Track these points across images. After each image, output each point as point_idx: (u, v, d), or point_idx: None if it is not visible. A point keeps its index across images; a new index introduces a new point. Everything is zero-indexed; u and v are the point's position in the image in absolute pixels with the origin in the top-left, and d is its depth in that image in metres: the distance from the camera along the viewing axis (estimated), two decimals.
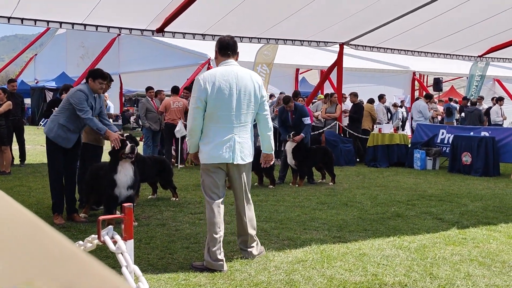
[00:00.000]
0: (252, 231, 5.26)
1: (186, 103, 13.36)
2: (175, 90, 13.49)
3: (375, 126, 15.48)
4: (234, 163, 5.00)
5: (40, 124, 27.58)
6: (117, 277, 0.47)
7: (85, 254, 0.50)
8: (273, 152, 5.42)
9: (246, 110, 4.99)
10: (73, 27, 11.73)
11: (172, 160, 13.24)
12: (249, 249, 5.23)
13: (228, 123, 4.93)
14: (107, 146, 7.83)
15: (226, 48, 5.09)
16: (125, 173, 6.50)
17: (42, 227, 0.53)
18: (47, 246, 0.51)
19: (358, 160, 14.82)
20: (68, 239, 0.55)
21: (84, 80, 7.06)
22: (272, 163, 5.51)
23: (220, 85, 4.88)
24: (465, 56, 17.52)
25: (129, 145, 6.41)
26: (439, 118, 19.15)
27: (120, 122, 28.27)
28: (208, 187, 5.13)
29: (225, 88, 4.88)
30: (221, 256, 4.85)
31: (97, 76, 6.85)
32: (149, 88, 13.61)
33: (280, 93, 15.61)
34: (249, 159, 5.11)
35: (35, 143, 18.42)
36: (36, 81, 35.70)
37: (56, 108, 9.69)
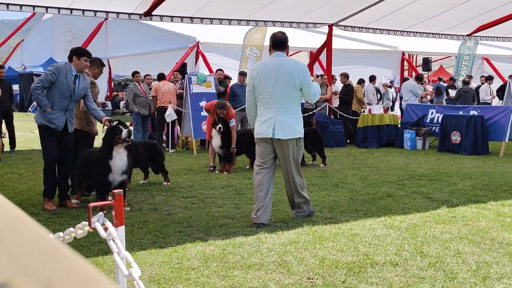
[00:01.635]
0: (297, 199, 6.07)
1: (175, 87, 13.30)
2: (161, 77, 13.44)
3: (364, 107, 15.51)
4: (275, 138, 5.83)
5: (29, 111, 27.38)
6: (100, 274, 0.47)
7: (68, 249, 0.49)
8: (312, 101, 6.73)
9: (286, 94, 5.83)
10: (59, 12, 11.60)
11: (163, 144, 13.22)
12: (293, 210, 6.17)
13: (270, 104, 5.87)
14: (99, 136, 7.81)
15: (277, 43, 6.02)
16: (120, 159, 6.52)
17: (23, 220, 0.53)
18: (28, 241, 0.50)
19: (348, 141, 14.87)
20: (50, 233, 0.54)
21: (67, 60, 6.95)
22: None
23: (263, 73, 5.87)
24: (454, 35, 17.52)
25: (125, 130, 6.42)
26: (429, 98, 19.20)
27: (110, 107, 28.12)
28: (257, 155, 6.07)
29: (267, 76, 5.84)
30: (260, 212, 5.79)
31: (82, 54, 6.75)
32: (135, 73, 13.52)
33: None
34: (291, 135, 5.86)
35: (24, 130, 18.31)
36: (23, 67, 35.34)
37: None
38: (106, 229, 2.30)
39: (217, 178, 9.09)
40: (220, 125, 9.56)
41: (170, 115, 12.58)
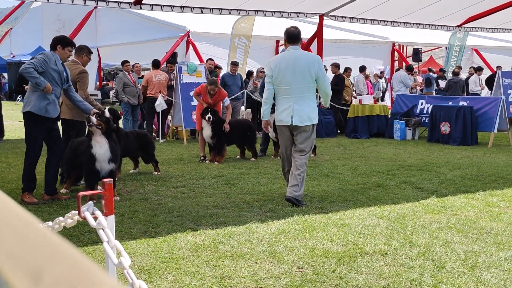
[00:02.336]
0: (296, 171, 6.40)
1: (167, 77, 13.23)
2: (155, 64, 13.34)
3: (353, 97, 15.52)
4: (293, 124, 6.38)
5: (18, 99, 27.16)
6: (89, 261, 0.47)
7: (57, 237, 0.49)
8: (327, 106, 7.36)
9: (302, 84, 6.37)
10: (48, 0, 11.49)
11: (153, 134, 13.18)
12: (289, 188, 6.43)
13: (288, 94, 6.41)
14: None
15: (292, 37, 6.50)
16: (100, 146, 6.45)
17: (12, 208, 0.52)
18: (17, 229, 0.50)
19: (339, 131, 14.90)
20: (39, 221, 0.54)
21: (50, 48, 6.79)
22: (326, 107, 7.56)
23: (281, 65, 6.39)
24: (444, 26, 17.57)
25: (92, 116, 6.40)
26: (419, 88, 19.26)
27: (100, 96, 27.96)
28: (280, 140, 6.79)
29: (285, 68, 6.36)
30: (288, 183, 6.46)
31: (67, 44, 6.64)
32: (125, 62, 13.42)
33: (258, 68, 15.49)
34: (307, 122, 6.41)
35: (13, 119, 18.17)
36: (12, 56, 35.00)
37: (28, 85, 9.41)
38: (95, 218, 2.30)
39: (207, 168, 9.08)
40: (209, 115, 9.52)
41: (160, 104, 12.52)
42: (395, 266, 4.23)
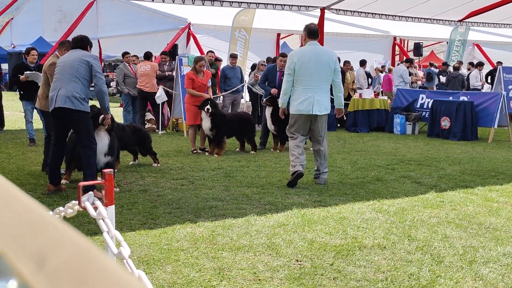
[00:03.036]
0: (319, 158, 7.22)
1: (155, 67, 13.00)
2: (147, 56, 13.27)
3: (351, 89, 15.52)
4: (312, 114, 7.01)
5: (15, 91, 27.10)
6: (93, 245, 0.47)
7: (60, 222, 0.49)
8: (342, 107, 7.61)
9: (323, 77, 7.01)
10: None
11: (153, 126, 13.17)
12: (316, 173, 7.30)
13: (309, 86, 7.00)
14: None
15: (312, 33, 7.19)
16: (100, 141, 6.60)
17: (14, 192, 0.52)
18: (20, 213, 0.50)
19: (338, 125, 14.90)
20: (42, 206, 0.54)
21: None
22: (342, 115, 7.98)
23: (304, 59, 6.98)
24: (446, 20, 17.52)
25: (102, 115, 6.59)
26: (419, 83, 19.23)
27: None
28: (293, 129, 7.22)
29: (307, 62, 6.97)
30: (292, 169, 7.00)
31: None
32: (125, 53, 13.39)
33: (259, 61, 15.45)
34: (325, 112, 7.12)
35: (13, 109, 18.16)
36: (13, 46, 34.92)
37: (25, 73, 9.30)
38: (96, 208, 2.30)
39: (207, 160, 9.09)
40: (208, 106, 9.49)
41: (160, 96, 12.51)
42: (394, 260, 4.25)
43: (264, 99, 10.42)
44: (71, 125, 6.51)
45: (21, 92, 10.14)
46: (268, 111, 10.36)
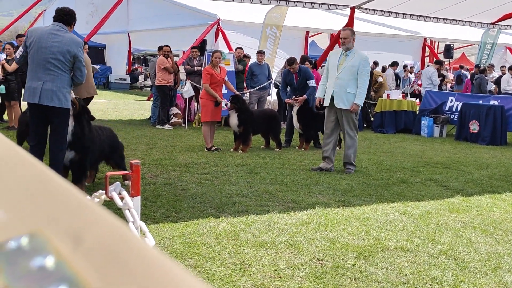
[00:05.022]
0: (347, 151, 8.02)
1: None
2: (159, 49, 13.31)
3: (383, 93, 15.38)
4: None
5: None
6: (125, 226, 0.48)
7: (94, 203, 0.50)
8: (362, 104, 8.18)
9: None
10: None
11: (180, 120, 13.25)
12: (346, 167, 8.08)
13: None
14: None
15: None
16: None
17: (48, 174, 0.53)
18: (54, 193, 0.51)
19: (365, 125, 14.80)
20: (75, 187, 0.55)
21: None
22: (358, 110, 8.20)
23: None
24: (477, 23, 17.26)
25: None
26: (449, 85, 18.98)
27: (128, 81, 28.22)
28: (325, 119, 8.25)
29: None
30: (324, 158, 8.10)
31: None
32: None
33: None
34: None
35: None
36: None
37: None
38: (122, 199, 2.33)
39: (231, 156, 9.11)
40: (233, 102, 9.50)
41: (187, 91, 12.58)
42: (416, 263, 4.21)
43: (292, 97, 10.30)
44: (54, 121, 5.85)
45: None
46: (294, 109, 10.33)
